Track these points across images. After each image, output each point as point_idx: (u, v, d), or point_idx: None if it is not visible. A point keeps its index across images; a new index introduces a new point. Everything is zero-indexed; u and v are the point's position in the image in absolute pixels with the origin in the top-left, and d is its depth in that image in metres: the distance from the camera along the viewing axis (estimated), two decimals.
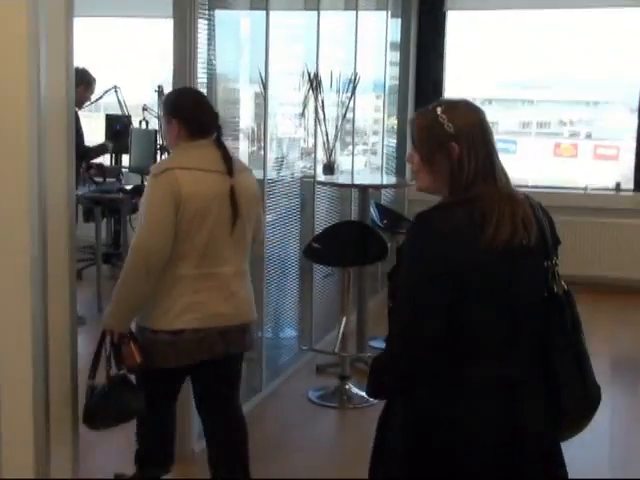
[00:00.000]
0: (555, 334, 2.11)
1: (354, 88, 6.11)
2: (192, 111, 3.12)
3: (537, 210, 2.13)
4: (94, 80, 6.19)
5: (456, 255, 1.98)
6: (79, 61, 6.13)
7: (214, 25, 4.41)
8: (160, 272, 2.96)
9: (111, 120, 7.43)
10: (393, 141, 7.54)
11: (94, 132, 7.35)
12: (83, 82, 6.05)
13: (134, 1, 8.14)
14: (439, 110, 2.07)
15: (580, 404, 2.15)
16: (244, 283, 3.19)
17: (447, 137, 2.04)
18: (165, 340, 3.03)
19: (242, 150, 4.94)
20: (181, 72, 3.88)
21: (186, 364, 3.09)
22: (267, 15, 4.74)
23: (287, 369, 5.37)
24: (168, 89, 4.22)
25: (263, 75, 4.78)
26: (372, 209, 5.84)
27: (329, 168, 5.81)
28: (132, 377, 3.14)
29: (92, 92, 6.23)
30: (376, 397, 2.28)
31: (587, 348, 2.17)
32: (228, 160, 3.08)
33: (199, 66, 4.01)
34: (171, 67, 3.91)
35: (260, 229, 3.35)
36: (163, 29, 3.94)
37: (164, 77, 4.70)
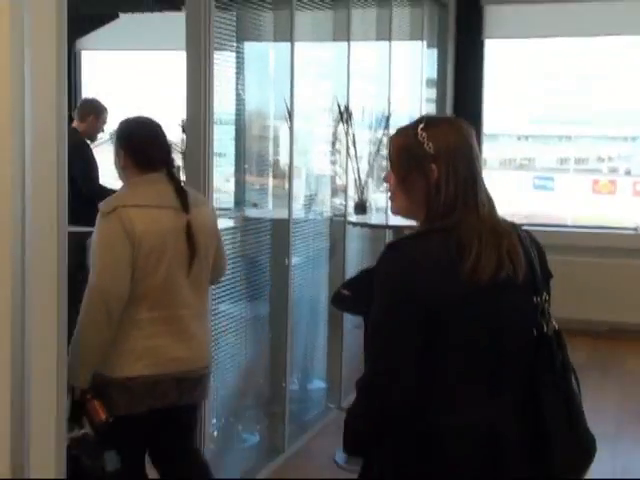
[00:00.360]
0: (542, 373, 1.95)
1: (387, 121, 5.78)
2: (141, 143, 2.97)
3: (525, 240, 1.98)
4: (105, 109, 5.98)
5: (433, 290, 1.83)
6: (102, 96, 6.02)
7: (243, 57, 4.31)
8: (120, 315, 2.81)
9: None
10: None
11: None
12: (92, 112, 5.88)
13: (160, 34, 7.90)
14: (420, 127, 1.94)
15: (571, 452, 1.97)
16: (202, 324, 3.06)
17: (426, 157, 1.91)
18: (117, 385, 2.84)
19: (270, 187, 4.76)
20: (195, 107, 3.67)
21: (137, 411, 2.89)
22: (292, 46, 4.57)
23: (313, 426, 4.99)
24: None
25: (289, 108, 4.53)
26: None
27: (361, 207, 5.48)
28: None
29: (104, 122, 6.01)
30: (353, 452, 2.12)
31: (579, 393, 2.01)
32: (182, 194, 2.93)
33: (223, 100, 3.89)
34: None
35: (222, 257, 3.16)
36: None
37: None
